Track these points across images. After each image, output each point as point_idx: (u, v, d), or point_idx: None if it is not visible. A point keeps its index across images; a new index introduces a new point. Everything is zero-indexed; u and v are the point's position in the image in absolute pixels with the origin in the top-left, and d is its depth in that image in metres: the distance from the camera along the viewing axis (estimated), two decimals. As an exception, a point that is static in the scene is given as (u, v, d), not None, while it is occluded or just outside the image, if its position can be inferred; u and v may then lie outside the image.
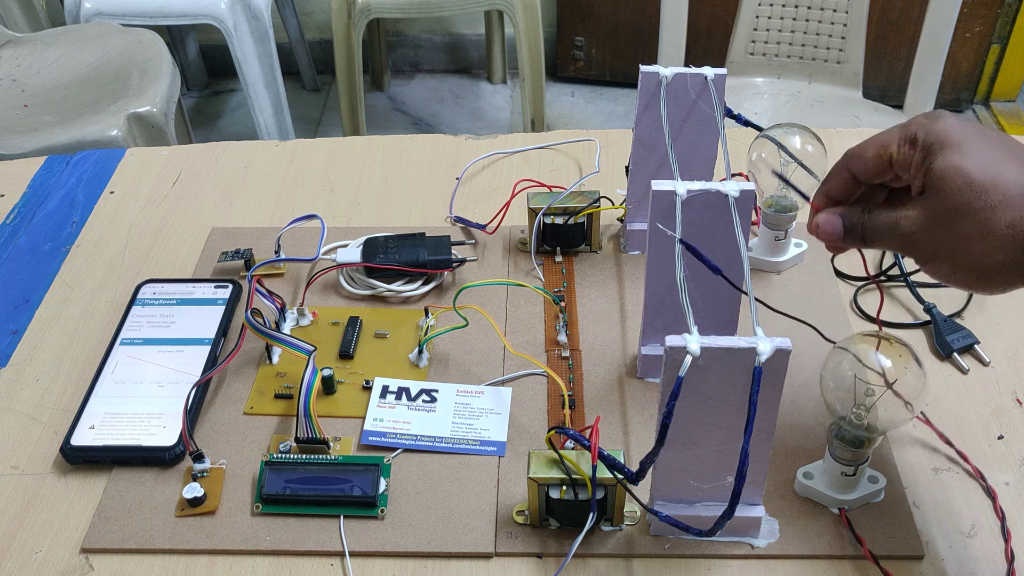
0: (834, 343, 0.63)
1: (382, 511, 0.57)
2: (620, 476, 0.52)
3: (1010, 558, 0.55)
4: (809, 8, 1.48)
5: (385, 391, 0.65)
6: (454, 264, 0.74)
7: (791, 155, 0.69)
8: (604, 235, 0.78)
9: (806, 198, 0.59)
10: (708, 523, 0.52)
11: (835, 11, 1.47)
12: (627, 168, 0.73)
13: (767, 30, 1.52)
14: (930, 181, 0.47)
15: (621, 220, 0.78)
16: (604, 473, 0.52)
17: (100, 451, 0.61)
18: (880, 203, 0.54)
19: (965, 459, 0.60)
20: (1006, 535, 0.56)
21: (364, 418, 0.63)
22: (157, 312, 0.71)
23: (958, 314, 0.70)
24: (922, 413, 0.62)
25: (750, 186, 0.55)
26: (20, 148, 1.35)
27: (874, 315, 0.70)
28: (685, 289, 0.49)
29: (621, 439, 0.62)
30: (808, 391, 0.64)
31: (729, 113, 0.67)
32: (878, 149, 0.51)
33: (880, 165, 0.51)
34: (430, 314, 0.70)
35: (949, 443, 0.60)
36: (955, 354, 0.67)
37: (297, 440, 0.60)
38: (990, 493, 0.58)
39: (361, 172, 0.87)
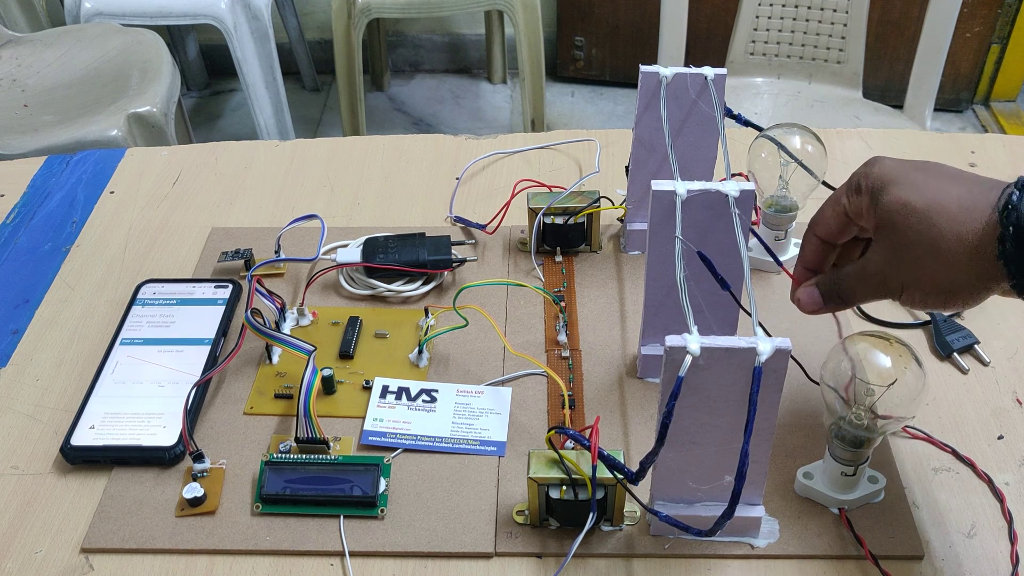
0: (816, 382, 0.64)
1: (382, 511, 0.57)
2: (620, 476, 0.52)
3: (1015, 561, 0.54)
4: (809, 8, 1.48)
5: (385, 391, 0.65)
6: (454, 264, 0.74)
7: (791, 155, 0.69)
8: (604, 235, 0.78)
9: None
10: (708, 523, 0.52)
11: (835, 11, 1.47)
12: (627, 168, 0.73)
13: (767, 30, 1.52)
14: (880, 219, 0.51)
15: (621, 220, 0.78)
16: (604, 473, 0.52)
17: (100, 451, 0.61)
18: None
19: (973, 464, 0.59)
20: (1013, 537, 0.56)
21: (364, 418, 0.63)
22: (157, 312, 0.71)
23: (958, 314, 0.70)
24: (924, 432, 0.62)
25: (750, 186, 0.55)
26: (20, 148, 1.35)
27: (874, 315, 0.71)
28: (685, 289, 0.49)
29: (621, 439, 0.62)
30: (808, 391, 0.64)
31: (729, 113, 0.67)
32: (833, 206, 0.54)
33: (839, 220, 0.54)
34: (430, 314, 0.70)
35: (955, 453, 0.60)
36: (955, 354, 0.67)
37: (297, 440, 0.60)
38: (998, 495, 0.58)
39: (361, 172, 0.87)
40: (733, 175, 0.67)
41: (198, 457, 0.60)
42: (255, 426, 0.63)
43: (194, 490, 0.57)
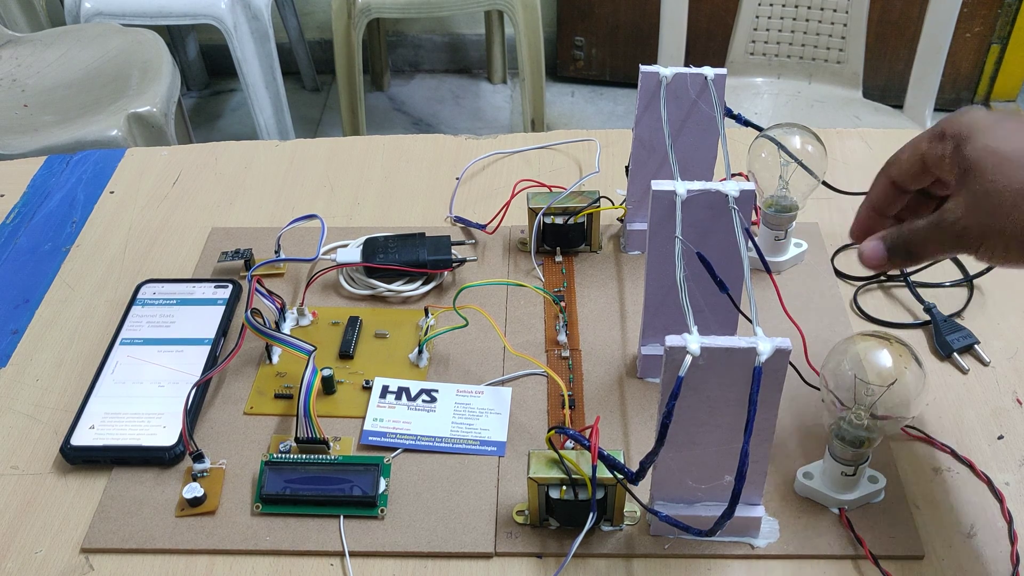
0: (813, 386, 0.64)
1: (382, 511, 0.57)
2: (620, 476, 0.52)
3: (1015, 561, 0.54)
4: (809, 8, 1.48)
5: (385, 391, 0.65)
6: (454, 264, 0.74)
7: (791, 155, 0.69)
8: (604, 235, 0.78)
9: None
10: (708, 523, 0.52)
11: (835, 11, 1.47)
12: (627, 168, 0.73)
13: (767, 30, 1.52)
14: (964, 167, 0.48)
15: (621, 220, 0.78)
16: (604, 473, 0.52)
17: (100, 451, 0.61)
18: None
19: (972, 466, 0.59)
20: (1013, 537, 0.56)
21: (364, 418, 0.63)
22: (157, 312, 0.71)
23: (958, 314, 0.70)
24: (924, 432, 0.62)
25: (750, 186, 0.55)
26: (20, 148, 1.35)
27: (874, 315, 0.70)
28: (685, 289, 0.49)
29: (621, 439, 0.62)
30: (808, 391, 0.64)
31: (729, 113, 0.67)
32: (912, 150, 0.52)
33: (915, 165, 0.52)
34: (430, 314, 0.70)
35: (954, 454, 0.60)
36: (955, 354, 0.67)
37: (297, 440, 0.60)
38: (998, 496, 0.58)
39: (361, 172, 0.87)
40: (733, 175, 0.67)
41: (198, 457, 0.60)
42: (255, 426, 0.63)
43: (194, 490, 0.57)
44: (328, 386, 0.65)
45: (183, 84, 2.11)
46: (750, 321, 0.48)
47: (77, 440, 0.61)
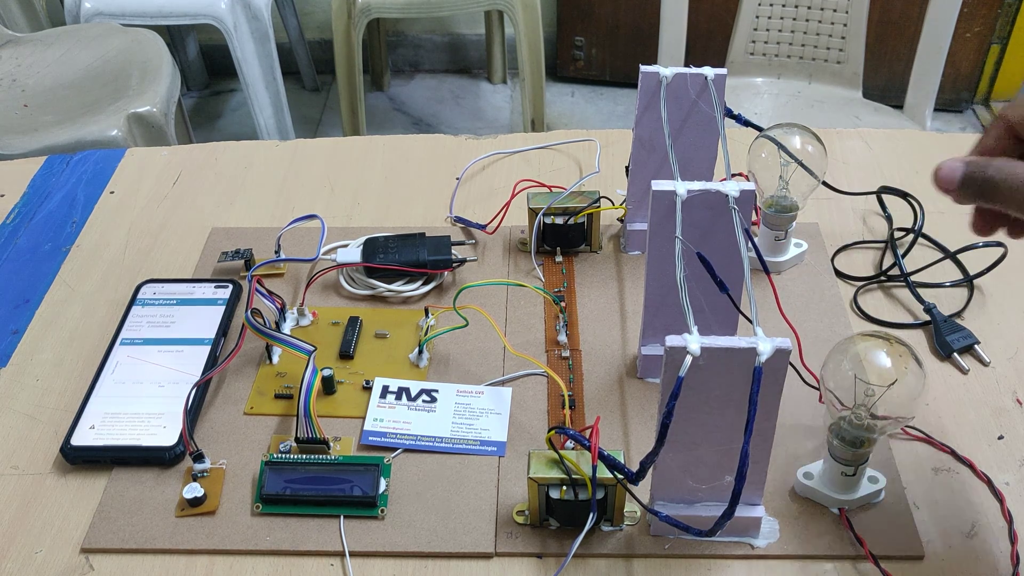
0: (812, 386, 0.64)
1: (382, 511, 0.57)
2: (620, 476, 0.52)
3: (1015, 561, 0.54)
4: (809, 8, 1.48)
5: (385, 391, 0.65)
6: (454, 264, 0.74)
7: (791, 155, 0.69)
8: (604, 235, 0.78)
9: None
10: (708, 523, 0.52)
11: (835, 11, 1.47)
12: (627, 168, 0.73)
13: (767, 30, 1.52)
14: None
15: (621, 220, 0.78)
16: (604, 473, 0.52)
17: (100, 451, 0.61)
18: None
19: (972, 466, 0.59)
20: (1013, 537, 0.56)
21: (364, 418, 0.63)
22: (157, 312, 0.71)
23: (958, 314, 0.70)
24: (924, 432, 0.62)
25: (750, 186, 0.55)
26: (20, 148, 1.35)
27: (874, 315, 0.70)
28: (685, 289, 0.49)
29: (621, 439, 0.62)
30: (808, 391, 0.64)
31: (729, 113, 0.67)
32: None
33: None
34: (430, 314, 0.70)
35: (954, 454, 0.60)
36: (955, 354, 0.67)
37: (297, 440, 0.60)
38: (998, 496, 0.58)
39: (361, 172, 0.87)
40: (733, 175, 0.67)
41: (198, 457, 0.60)
42: (255, 426, 0.63)
43: (194, 490, 0.57)
44: (328, 386, 0.65)
45: (183, 84, 2.11)
46: (750, 321, 0.48)
47: (77, 440, 0.61)
